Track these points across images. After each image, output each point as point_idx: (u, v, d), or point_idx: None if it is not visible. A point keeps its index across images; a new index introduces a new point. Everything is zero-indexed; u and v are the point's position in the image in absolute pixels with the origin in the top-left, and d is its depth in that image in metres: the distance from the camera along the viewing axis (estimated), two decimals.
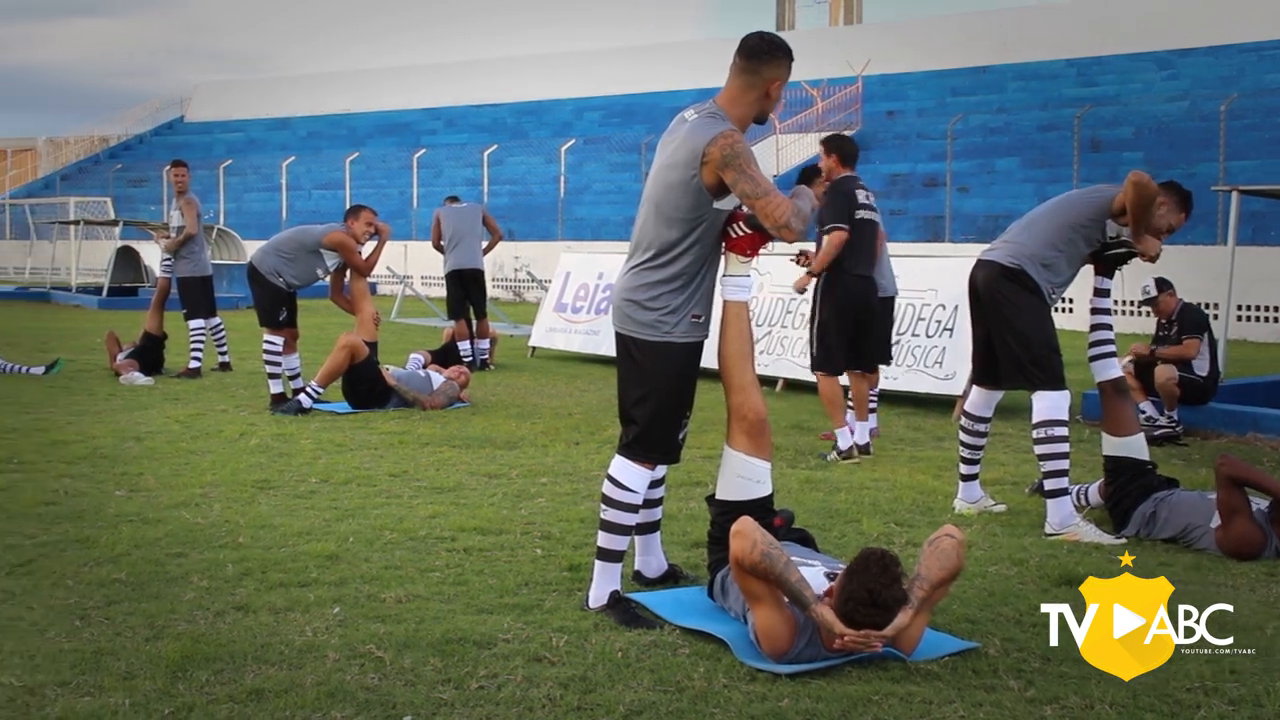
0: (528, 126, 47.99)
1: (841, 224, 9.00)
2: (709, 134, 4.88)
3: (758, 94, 5.07)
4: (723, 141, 4.85)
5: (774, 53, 5.07)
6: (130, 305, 25.24)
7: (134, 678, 4.36)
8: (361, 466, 8.35)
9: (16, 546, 6.14)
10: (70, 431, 9.65)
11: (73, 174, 56.03)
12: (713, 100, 5.11)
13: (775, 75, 5.07)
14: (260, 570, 5.72)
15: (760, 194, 4.83)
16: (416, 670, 4.45)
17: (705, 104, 5.11)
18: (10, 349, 16.03)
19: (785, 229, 4.86)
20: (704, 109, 5.07)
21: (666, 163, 5.05)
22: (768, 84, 5.06)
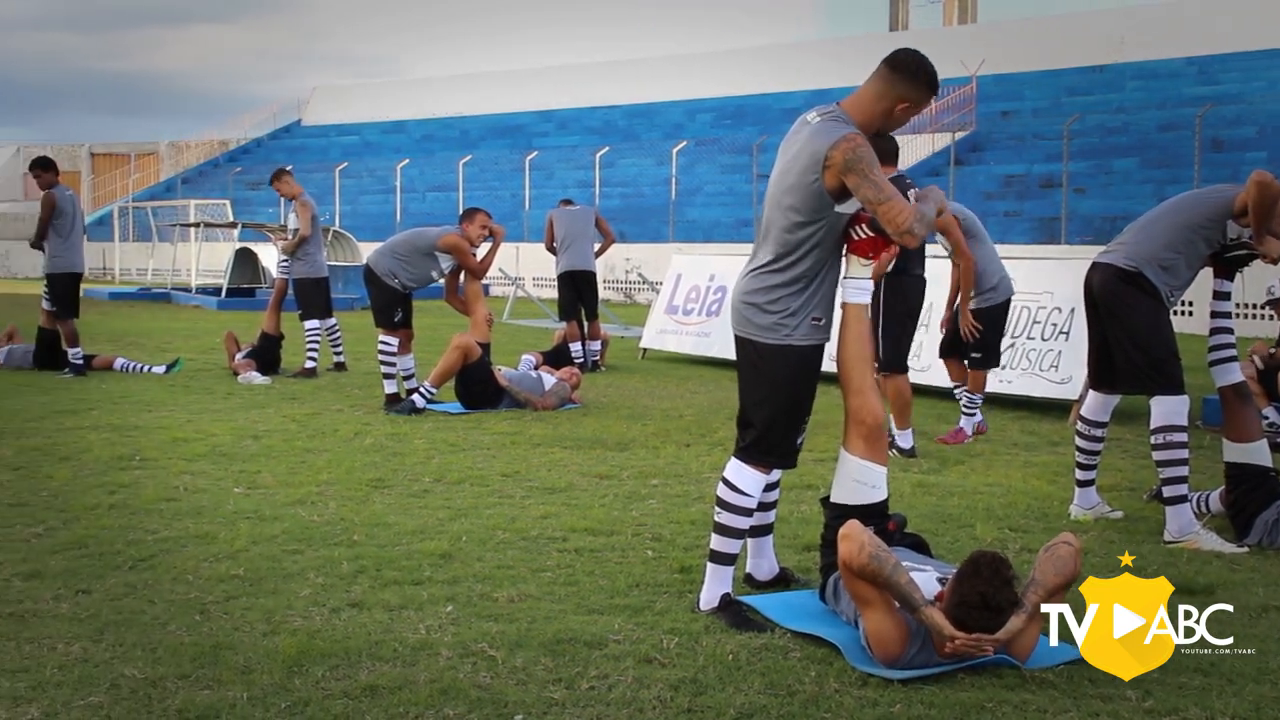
0: (639, 128, 48.10)
1: None
2: (832, 137, 4.83)
3: (886, 106, 4.98)
4: (845, 145, 4.79)
5: (916, 76, 4.97)
6: (248, 306, 25.66)
7: (251, 672, 4.43)
8: (474, 466, 8.42)
9: (139, 542, 6.27)
10: (190, 429, 9.84)
11: (193, 177, 57.10)
12: (838, 104, 5.06)
13: (907, 97, 4.98)
14: (375, 568, 5.78)
15: (883, 199, 4.77)
16: (528, 669, 4.47)
17: (829, 107, 5.05)
18: (133, 349, 16.38)
19: (908, 235, 4.80)
20: (828, 112, 5.01)
21: (788, 166, 5.01)
22: (897, 101, 4.97)
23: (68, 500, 7.24)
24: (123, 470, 8.15)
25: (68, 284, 13.65)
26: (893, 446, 8.99)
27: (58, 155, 62.60)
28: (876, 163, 4.86)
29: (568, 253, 14.93)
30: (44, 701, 4.15)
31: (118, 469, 8.19)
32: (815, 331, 5.07)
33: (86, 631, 4.87)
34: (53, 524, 6.64)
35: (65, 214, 13.58)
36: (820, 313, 5.08)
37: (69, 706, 4.11)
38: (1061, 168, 29.78)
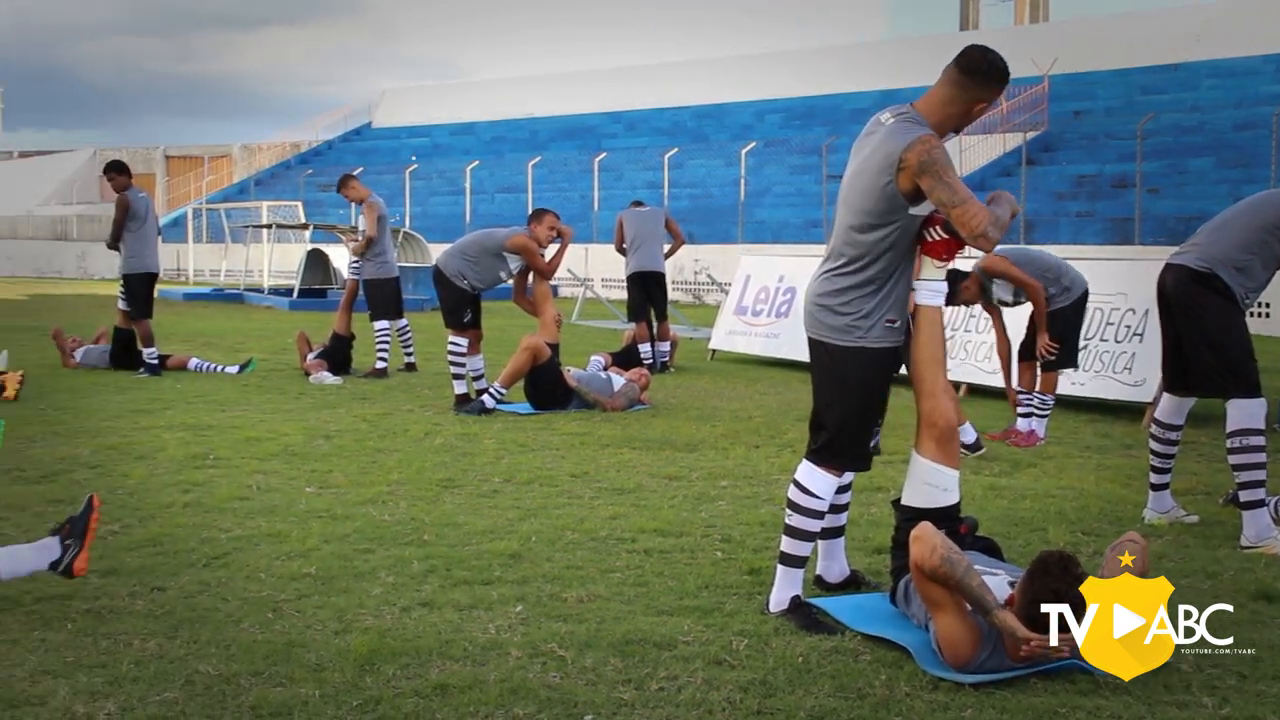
0: (708, 129, 48.06)
1: None
2: (906, 139, 4.80)
3: (960, 110, 4.95)
4: (920, 147, 4.76)
5: (990, 76, 4.93)
6: (319, 307, 25.89)
7: (323, 670, 4.46)
8: (543, 467, 8.44)
9: (212, 540, 6.34)
10: (263, 429, 9.93)
11: (266, 179, 57.68)
12: (911, 105, 5.03)
13: (984, 98, 4.95)
14: (445, 568, 5.81)
15: (957, 202, 4.74)
16: (597, 670, 4.48)
17: (904, 108, 5.02)
18: (207, 349, 16.56)
19: (982, 238, 4.77)
20: (902, 113, 4.97)
21: (861, 167, 4.98)
22: (973, 104, 4.94)
23: (143, 498, 7.34)
24: (197, 469, 8.25)
25: (143, 284, 13.84)
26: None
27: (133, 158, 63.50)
28: (952, 165, 4.83)
29: (637, 254, 14.94)
30: (120, 696, 4.20)
31: (192, 468, 8.29)
32: (889, 333, 5.04)
33: (162, 628, 4.93)
34: (128, 522, 6.73)
35: (139, 216, 13.78)
36: (894, 314, 5.04)
37: (145, 702, 4.16)
38: (1135, 168, 29.46)
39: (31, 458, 8.58)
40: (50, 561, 5.15)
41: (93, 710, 4.09)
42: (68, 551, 5.15)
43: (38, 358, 14.85)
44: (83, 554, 5.16)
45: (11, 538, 6.35)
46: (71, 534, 5.18)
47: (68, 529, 5.21)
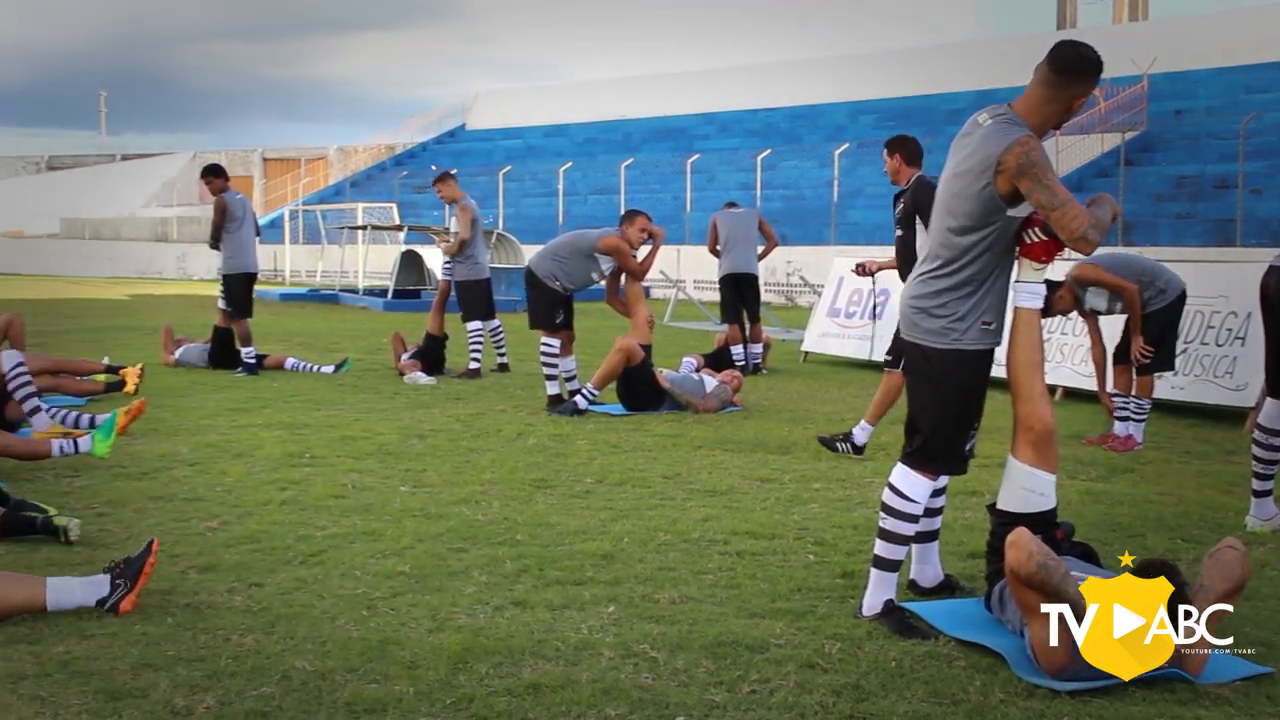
0: (801, 130, 47.88)
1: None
2: (1005, 140, 4.75)
3: (1059, 107, 4.87)
4: (1019, 149, 4.70)
5: (1085, 71, 4.85)
6: (414, 307, 26.09)
7: (417, 667, 4.49)
8: (636, 468, 8.45)
9: (309, 537, 6.41)
10: (358, 428, 10.03)
11: (361, 181, 58.24)
12: (1009, 105, 4.97)
13: (1081, 93, 4.87)
14: (538, 567, 5.84)
15: (1057, 204, 4.67)
16: (689, 671, 4.47)
17: (1001, 108, 4.96)
18: (303, 349, 16.75)
19: (1082, 241, 4.70)
20: (1000, 114, 4.91)
21: (959, 169, 4.93)
22: (1072, 100, 4.87)
23: (241, 496, 7.43)
24: (293, 467, 8.35)
25: (241, 284, 14.04)
26: (849, 439, 9.10)
27: (231, 161, 64.56)
28: (1051, 167, 4.77)
29: (730, 255, 14.90)
30: (219, 690, 4.26)
31: (288, 466, 8.39)
32: (985, 336, 4.99)
33: (259, 624, 4.99)
34: (227, 519, 6.82)
35: (236, 218, 13.99)
36: (991, 317, 4.99)
37: (242, 696, 4.21)
38: (1237, 168, 28.97)
39: (133, 454, 8.73)
40: (98, 599, 5.12)
41: (192, 703, 4.15)
42: (116, 590, 5.12)
43: (138, 357, 15.09)
44: (131, 596, 5.12)
45: (113, 533, 6.48)
46: (124, 574, 5.16)
47: (121, 568, 5.19)
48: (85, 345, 16.93)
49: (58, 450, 8.07)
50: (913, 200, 8.96)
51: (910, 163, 9.22)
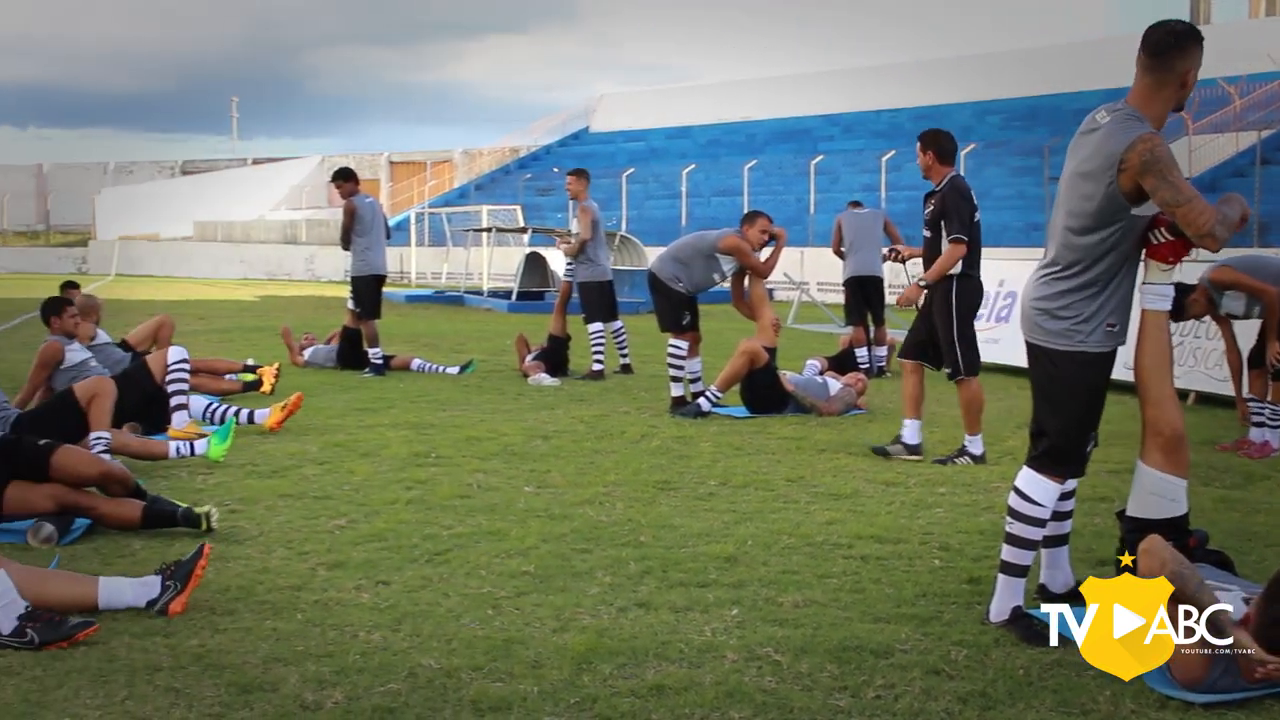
0: None
1: (964, 235, 8.80)
2: (1127, 138, 4.66)
3: (1172, 89, 4.79)
4: (1142, 147, 4.61)
5: (1182, 43, 4.77)
6: (537, 309, 26.24)
7: (542, 667, 4.52)
8: (759, 471, 8.42)
9: (434, 536, 6.47)
10: (483, 429, 10.11)
11: (485, 184, 58.82)
12: (1124, 101, 4.88)
13: (1189, 65, 4.77)
14: (661, 569, 5.84)
15: (1182, 201, 4.58)
16: (813, 676, 4.45)
17: (1118, 104, 4.87)
18: (428, 350, 16.94)
19: (1208, 238, 4.60)
20: (1118, 110, 4.82)
21: (1080, 169, 4.85)
22: (1182, 76, 4.77)
23: (368, 494, 7.53)
24: (419, 467, 8.44)
25: (370, 286, 14.22)
26: (964, 454, 8.89)
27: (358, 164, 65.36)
28: (1175, 163, 4.67)
29: (855, 257, 14.79)
30: (346, 686, 4.32)
31: (415, 465, 8.48)
32: (1109, 337, 4.90)
33: (386, 621, 5.05)
34: (354, 517, 6.91)
35: (364, 220, 14.17)
36: (1115, 319, 4.90)
37: (369, 692, 4.27)
38: None
39: (264, 453, 8.89)
40: (148, 600, 5.17)
41: (320, 698, 4.21)
42: (166, 592, 5.16)
43: (268, 357, 15.36)
44: (181, 597, 5.16)
45: (245, 530, 6.60)
46: (175, 576, 5.20)
47: (172, 570, 5.23)
48: (217, 345, 17.28)
49: (174, 452, 8.28)
50: (942, 204, 8.91)
51: (943, 160, 9.11)
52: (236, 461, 8.49)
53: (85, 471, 6.67)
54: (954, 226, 8.84)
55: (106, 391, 8.23)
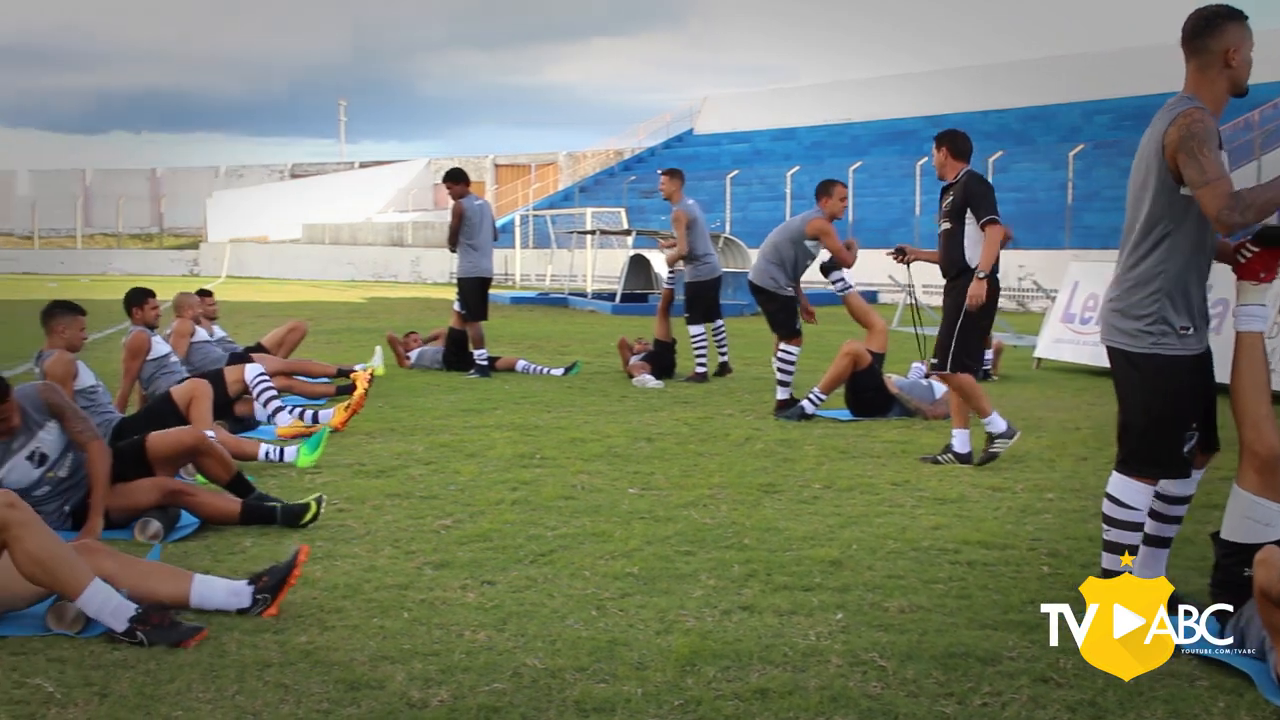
0: (1034, 132, 46.89)
1: (995, 216, 8.73)
2: (1170, 115, 4.62)
3: (1216, 70, 4.75)
4: (1181, 121, 4.57)
5: (1214, 23, 4.72)
6: (641, 311, 26.29)
7: (645, 668, 4.52)
8: (864, 474, 8.37)
9: (539, 537, 6.51)
10: (587, 430, 10.15)
11: (590, 186, 59.03)
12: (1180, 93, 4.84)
13: (1227, 44, 4.72)
14: (765, 572, 5.82)
15: (1204, 181, 4.49)
16: (919, 682, 4.41)
17: (1176, 95, 4.84)
18: (533, 352, 17.04)
19: (1218, 222, 4.51)
20: (1174, 98, 4.80)
21: (1136, 161, 4.82)
22: (1223, 56, 4.73)
23: (473, 495, 7.59)
24: (524, 468, 8.48)
25: (475, 288, 14.29)
26: (948, 451, 8.86)
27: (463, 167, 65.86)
28: (1211, 141, 4.58)
29: None
30: (452, 685, 4.35)
31: (519, 466, 8.53)
32: (1184, 341, 4.80)
33: (491, 620, 5.08)
34: (460, 517, 6.97)
35: (472, 222, 14.23)
36: (1188, 322, 4.81)
37: (475, 691, 4.29)
38: None
39: (371, 452, 8.99)
40: (238, 609, 5.20)
41: (426, 696, 4.25)
42: (256, 604, 5.18)
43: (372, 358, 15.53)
44: (272, 608, 5.18)
45: (352, 529, 6.67)
46: (267, 588, 5.20)
47: (265, 581, 5.23)
48: (325, 347, 17.52)
49: (263, 455, 8.42)
50: (964, 193, 8.83)
51: (957, 157, 9.09)
52: (343, 461, 8.60)
53: (183, 440, 6.96)
54: (983, 210, 8.78)
55: (204, 393, 8.48)
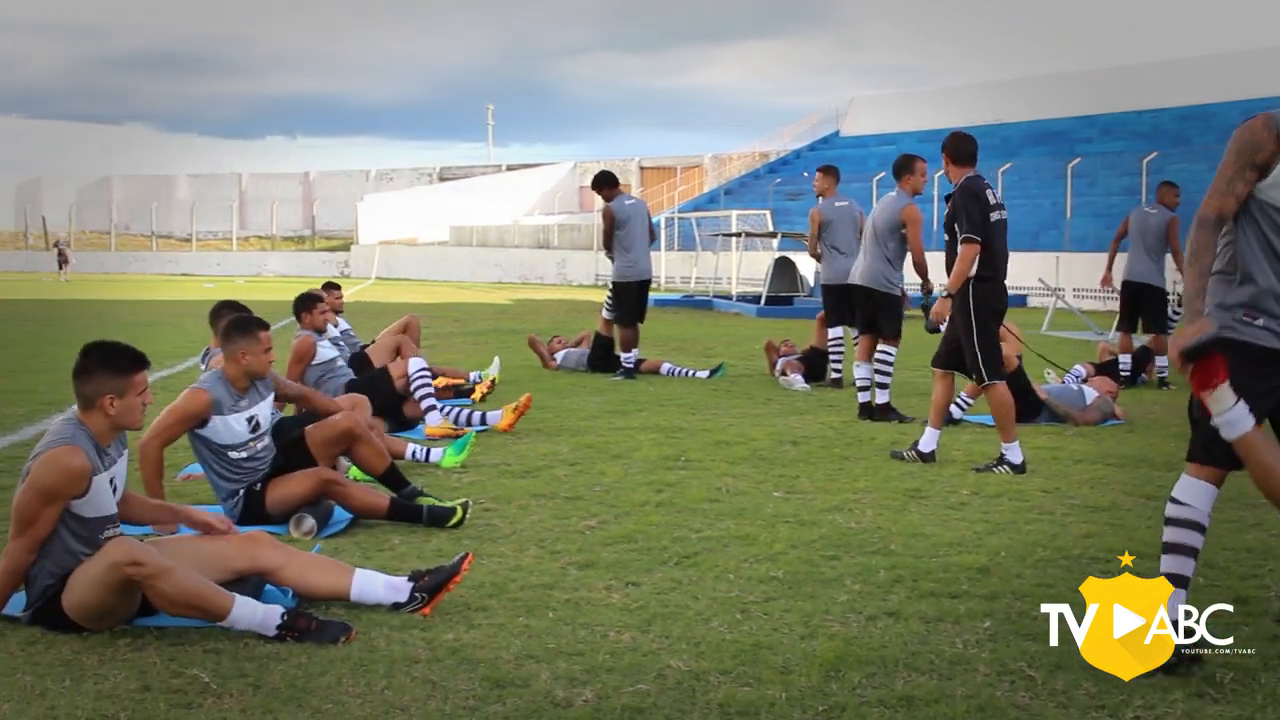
0: (1191, 132, 45.81)
1: (975, 235, 8.51)
2: None
3: None
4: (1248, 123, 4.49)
5: None
6: (786, 314, 26.19)
7: (790, 673, 4.50)
8: (1013, 480, 8.24)
9: (684, 539, 6.52)
10: (732, 433, 10.13)
11: (735, 188, 59.00)
12: None
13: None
14: (911, 578, 5.76)
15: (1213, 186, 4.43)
16: (1069, 693, 4.32)
17: None
18: (678, 354, 17.07)
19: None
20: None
21: None
22: None
23: (618, 496, 7.62)
24: (669, 470, 8.50)
25: (630, 291, 14.20)
26: (1003, 463, 8.58)
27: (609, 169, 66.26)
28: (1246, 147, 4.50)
29: (1130, 261, 14.08)
30: (596, 685, 4.37)
31: (664, 468, 8.55)
32: (1249, 331, 4.59)
33: (635, 622, 5.10)
34: (605, 518, 7.00)
35: (624, 224, 14.13)
36: (1254, 310, 4.61)
37: (619, 692, 4.31)
38: None
39: (517, 453, 9.08)
40: (394, 603, 5.26)
41: (571, 696, 4.28)
42: (413, 602, 5.24)
43: (521, 359, 15.70)
44: (425, 609, 5.23)
45: (498, 528, 6.74)
46: (427, 588, 5.25)
47: (426, 579, 5.28)
48: (471, 348, 17.73)
49: (410, 454, 8.57)
50: (953, 204, 8.76)
51: (958, 162, 8.93)
52: (490, 461, 8.69)
53: (339, 425, 7.25)
54: (963, 226, 8.67)
55: (364, 405, 8.69)
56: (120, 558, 4.78)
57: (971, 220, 8.65)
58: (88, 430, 5.10)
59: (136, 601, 4.94)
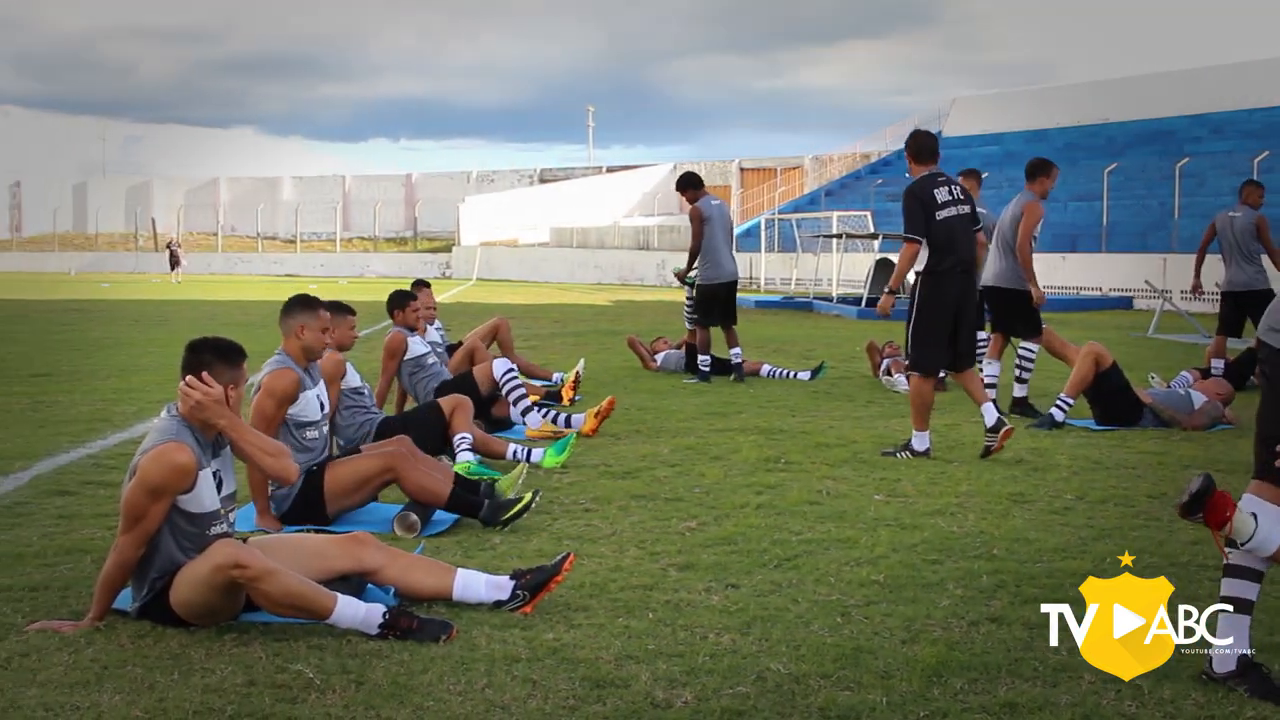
0: None
1: (914, 235, 8.73)
2: None
3: None
4: None
5: None
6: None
7: (891, 677, 4.47)
8: (1118, 486, 8.12)
9: (784, 541, 6.50)
10: (832, 435, 10.09)
11: (835, 190, 58.67)
12: None
13: None
14: (1014, 583, 5.70)
15: None
16: (1175, 703, 4.26)
17: None
18: (777, 356, 17.02)
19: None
20: None
21: None
22: None
23: (718, 497, 7.61)
24: (769, 471, 8.48)
25: (712, 294, 14.03)
26: (906, 448, 8.90)
27: (709, 171, 66.36)
28: None
29: (1228, 267, 13.85)
30: (696, 686, 4.37)
31: (764, 470, 8.53)
32: None
33: (735, 623, 5.10)
34: (704, 519, 7.00)
35: (710, 224, 14.00)
36: None
37: (718, 694, 4.31)
38: None
39: (617, 453, 9.10)
40: (496, 600, 5.30)
41: (670, 697, 4.28)
42: (514, 599, 5.27)
43: (620, 360, 15.76)
44: (526, 608, 5.25)
45: (598, 528, 6.77)
46: (529, 586, 5.28)
47: (528, 578, 5.31)
48: (571, 349, 17.79)
49: (510, 454, 8.63)
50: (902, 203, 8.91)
51: (916, 159, 9.23)
52: (590, 462, 8.73)
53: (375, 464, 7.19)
54: (906, 227, 8.91)
55: (467, 405, 8.82)
56: (224, 560, 4.85)
57: (913, 221, 8.92)
58: (190, 427, 5.19)
59: (241, 601, 5.02)
